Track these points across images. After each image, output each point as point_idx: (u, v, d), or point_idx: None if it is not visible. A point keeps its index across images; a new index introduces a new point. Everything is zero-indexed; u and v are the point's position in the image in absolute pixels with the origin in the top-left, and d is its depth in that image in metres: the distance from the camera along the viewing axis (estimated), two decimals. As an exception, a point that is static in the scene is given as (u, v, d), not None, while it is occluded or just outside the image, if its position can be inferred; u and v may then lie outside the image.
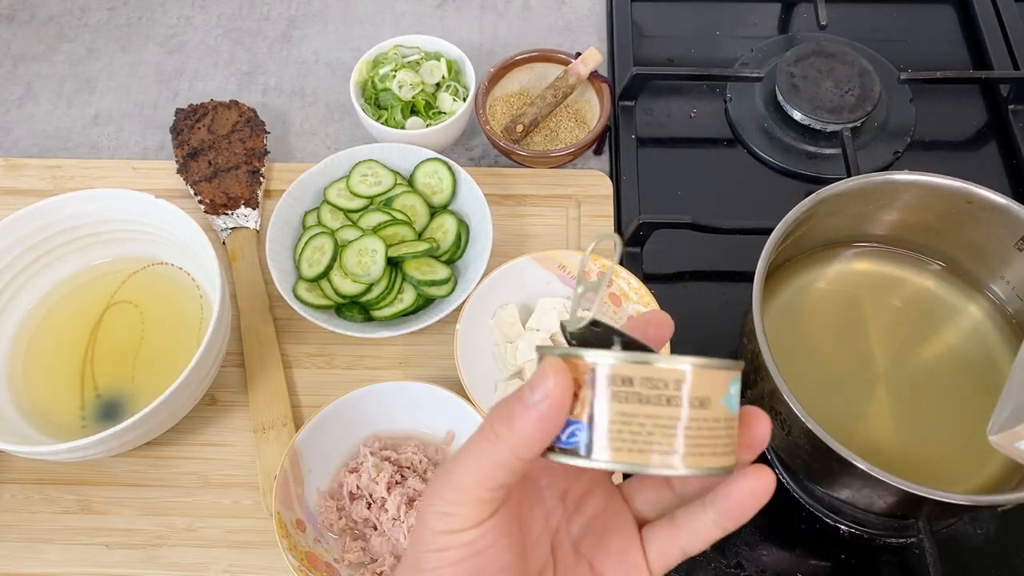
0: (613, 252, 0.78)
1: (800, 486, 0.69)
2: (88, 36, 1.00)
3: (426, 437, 0.71)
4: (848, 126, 0.85)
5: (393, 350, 0.77)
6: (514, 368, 0.73)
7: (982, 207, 0.63)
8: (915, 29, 0.97)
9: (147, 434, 0.66)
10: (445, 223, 0.79)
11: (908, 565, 0.67)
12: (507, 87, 0.90)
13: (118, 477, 0.70)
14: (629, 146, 0.86)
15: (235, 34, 1.00)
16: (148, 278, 0.77)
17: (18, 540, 0.69)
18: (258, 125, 0.88)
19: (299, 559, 0.62)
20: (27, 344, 0.74)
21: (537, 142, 0.88)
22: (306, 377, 0.76)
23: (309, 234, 0.78)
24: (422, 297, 0.76)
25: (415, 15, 1.00)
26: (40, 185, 0.87)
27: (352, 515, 0.67)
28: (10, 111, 0.94)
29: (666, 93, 0.92)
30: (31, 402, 0.71)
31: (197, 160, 0.85)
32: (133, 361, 0.73)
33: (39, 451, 0.63)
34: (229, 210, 0.83)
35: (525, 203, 0.84)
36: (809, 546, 0.67)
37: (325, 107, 0.93)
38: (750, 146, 0.88)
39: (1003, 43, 0.92)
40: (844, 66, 0.88)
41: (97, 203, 0.74)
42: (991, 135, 0.89)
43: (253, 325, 0.77)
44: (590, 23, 0.99)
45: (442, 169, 0.80)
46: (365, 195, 0.80)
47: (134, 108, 0.94)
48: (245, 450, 0.73)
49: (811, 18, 0.96)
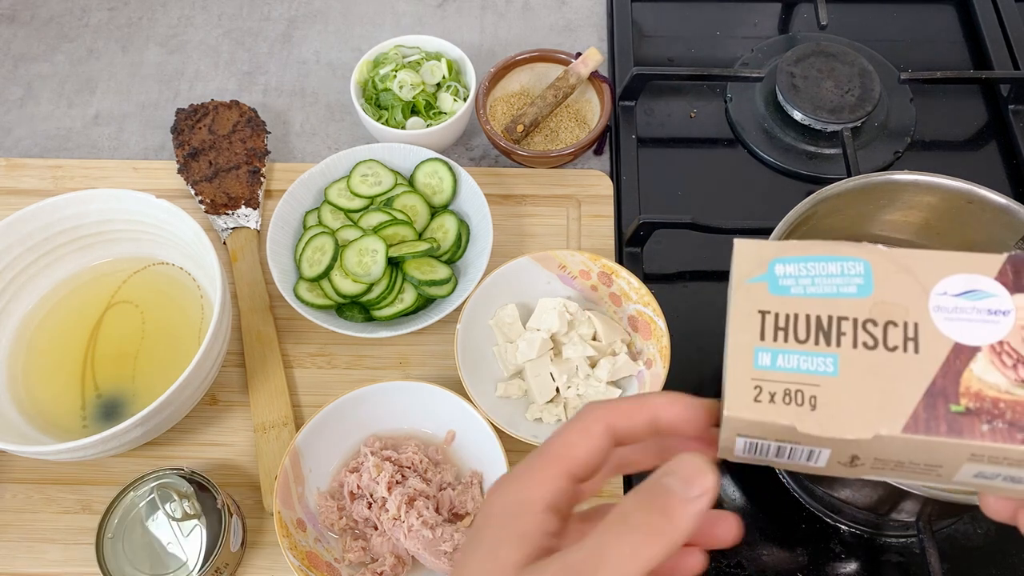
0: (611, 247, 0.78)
1: (800, 486, 0.69)
2: (89, 36, 1.00)
3: (426, 437, 0.71)
4: (848, 126, 0.85)
5: (393, 350, 0.77)
6: (514, 368, 0.73)
7: (982, 207, 0.63)
8: (915, 29, 0.97)
9: (148, 434, 0.66)
10: (445, 223, 0.79)
11: (908, 565, 0.66)
12: (507, 87, 0.90)
13: (119, 477, 0.70)
14: (629, 146, 0.86)
15: (236, 34, 1.00)
16: (149, 278, 0.77)
17: (18, 540, 0.69)
18: (259, 125, 0.88)
19: (300, 559, 0.62)
20: (28, 344, 0.74)
21: (537, 142, 0.88)
22: (307, 377, 0.76)
23: (310, 234, 0.78)
24: (422, 297, 0.76)
25: (416, 15, 1.00)
26: (41, 185, 0.87)
27: (353, 515, 0.67)
28: (11, 111, 0.95)
29: (666, 93, 0.92)
30: (32, 402, 0.71)
31: (198, 160, 0.85)
32: (134, 361, 0.73)
33: (39, 451, 0.63)
34: (230, 210, 0.83)
35: (525, 203, 0.84)
36: (809, 546, 0.67)
37: (326, 107, 0.94)
38: (750, 146, 0.88)
39: (1003, 43, 0.92)
40: (844, 66, 0.88)
41: (98, 203, 0.74)
42: (991, 135, 0.89)
43: (254, 325, 0.77)
44: (590, 23, 0.99)
45: (442, 169, 0.80)
46: (366, 195, 0.80)
47: (135, 108, 0.94)
48: (246, 450, 0.73)
49: (811, 18, 0.96)
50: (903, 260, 0.34)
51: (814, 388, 0.33)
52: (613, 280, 0.73)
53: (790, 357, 0.34)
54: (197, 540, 0.62)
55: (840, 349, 0.33)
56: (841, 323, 0.34)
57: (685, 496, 0.31)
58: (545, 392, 0.70)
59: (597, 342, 0.72)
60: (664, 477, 0.32)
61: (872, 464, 0.33)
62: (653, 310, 0.71)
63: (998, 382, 0.31)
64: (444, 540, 0.63)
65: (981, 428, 0.31)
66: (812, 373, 0.33)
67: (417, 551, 0.63)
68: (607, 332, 0.72)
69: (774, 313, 0.35)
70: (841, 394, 0.33)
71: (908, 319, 0.33)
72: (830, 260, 0.35)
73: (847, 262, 0.35)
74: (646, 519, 0.31)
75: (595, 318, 0.72)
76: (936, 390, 0.32)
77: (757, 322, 0.35)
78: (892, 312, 0.34)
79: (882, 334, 0.33)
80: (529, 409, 0.71)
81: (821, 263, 0.35)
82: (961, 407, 0.31)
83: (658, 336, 0.70)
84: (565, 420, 0.70)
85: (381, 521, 0.65)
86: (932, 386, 0.32)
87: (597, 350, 0.71)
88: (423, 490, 0.65)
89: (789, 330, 0.34)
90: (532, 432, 0.68)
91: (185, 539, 0.62)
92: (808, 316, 0.34)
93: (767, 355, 0.34)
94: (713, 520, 0.35)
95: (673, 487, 0.32)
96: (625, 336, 0.73)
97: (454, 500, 0.66)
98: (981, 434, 0.31)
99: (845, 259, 0.35)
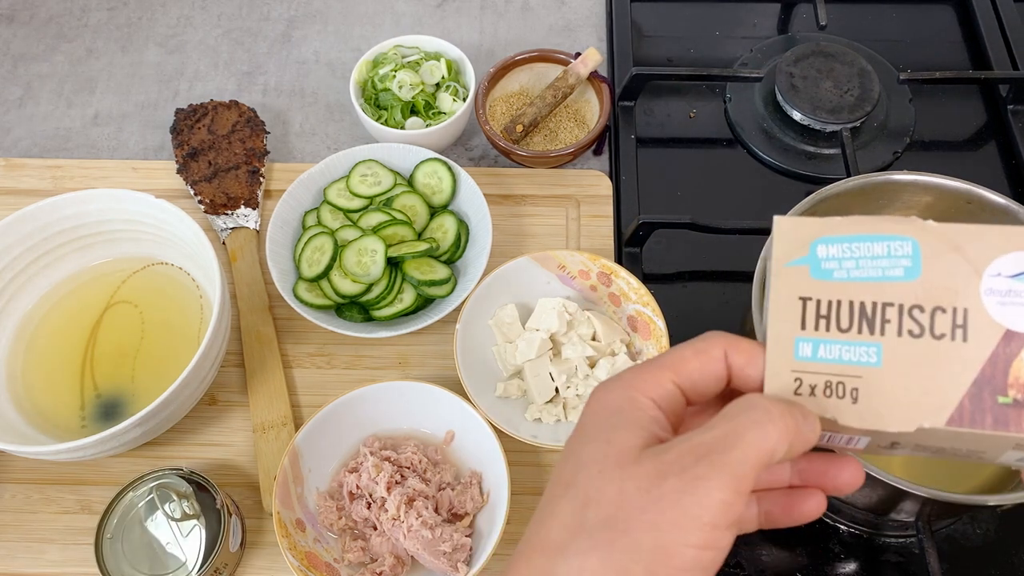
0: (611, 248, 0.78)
1: (800, 486, 0.69)
2: (88, 36, 1.00)
3: (426, 437, 0.71)
4: (848, 126, 0.85)
5: (393, 350, 0.77)
6: (514, 368, 0.73)
7: (981, 207, 0.63)
8: (915, 29, 0.97)
9: (147, 434, 0.66)
10: (445, 223, 0.79)
11: (907, 565, 0.66)
12: (507, 87, 0.90)
13: (118, 477, 0.70)
14: (629, 146, 0.86)
15: (235, 34, 1.00)
16: (148, 278, 0.77)
17: (18, 540, 0.69)
18: (258, 125, 0.88)
19: (299, 559, 0.62)
20: (27, 344, 0.74)
21: (537, 142, 0.88)
22: (306, 377, 0.76)
23: (309, 234, 0.78)
24: (422, 297, 0.76)
25: (415, 15, 1.00)
26: (40, 185, 0.87)
27: (352, 515, 0.67)
28: (10, 111, 0.94)
29: (666, 93, 0.92)
30: (31, 402, 0.71)
31: (197, 160, 0.85)
32: (133, 361, 0.73)
33: (39, 451, 0.63)
34: (229, 210, 0.83)
35: (525, 203, 0.84)
36: (809, 546, 0.67)
37: (325, 107, 0.93)
38: (750, 146, 0.88)
39: (1003, 43, 0.92)
40: (844, 66, 0.88)
41: (97, 203, 0.74)
42: (991, 135, 0.89)
43: (253, 325, 0.77)
44: (590, 23, 0.99)
45: (442, 169, 0.80)
46: (365, 195, 0.80)
47: (134, 108, 0.94)
48: (245, 450, 0.73)
49: (811, 18, 0.96)
50: (954, 238, 0.33)
51: (856, 380, 0.32)
52: (612, 280, 0.73)
53: (832, 347, 0.33)
54: (196, 540, 0.62)
55: (884, 338, 0.32)
56: (886, 310, 0.32)
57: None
58: (544, 392, 0.70)
59: (596, 342, 0.72)
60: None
61: (912, 449, 0.33)
62: (652, 310, 0.71)
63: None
64: (443, 540, 0.63)
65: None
66: (855, 364, 0.32)
67: (416, 551, 0.63)
68: (606, 332, 0.72)
69: (816, 300, 0.33)
70: (884, 385, 0.32)
71: (957, 304, 0.32)
72: (876, 240, 0.33)
73: (894, 241, 0.33)
74: (787, 412, 0.31)
75: (594, 318, 0.72)
76: (983, 380, 0.31)
77: (798, 310, 0.34)
78: (941, 297, 0.32)
79: (929, 321, 0.32)
80: (528, 409, 0.71)
81: (867, 243, 0.33)
82: (1009, 399, 0.30)
83: (657, 336, 0.70)
84: (564, 420, 0.70)
85: (380, 521, 0.65)
86: (980, 376, 0.31)
87: (596, 350, 0.71)
88: (422, 490, 0.65)
89: (831, 318, 0.33)
90: (531, 432, 0.68)
91: (184, 539, 0.62)
92: (852, 303, 0.33)
93: (808, 345, 0.33)
94: (839, 464, 0.35)
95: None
96: (624, 336, 0.73)
97: (453, 500, 0.66)
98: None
99: (892, 238, 0.33)
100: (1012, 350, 0.31)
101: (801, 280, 0.34)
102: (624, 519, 0.30)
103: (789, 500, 0.36)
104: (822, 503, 0.35)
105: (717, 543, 0.30)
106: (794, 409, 0.31)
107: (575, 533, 0.31)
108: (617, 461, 0.31)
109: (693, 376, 0.34)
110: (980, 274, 0.32)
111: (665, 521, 0.29)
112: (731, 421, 0.31)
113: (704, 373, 0.34)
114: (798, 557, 0.67)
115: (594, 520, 0.31)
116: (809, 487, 0.36)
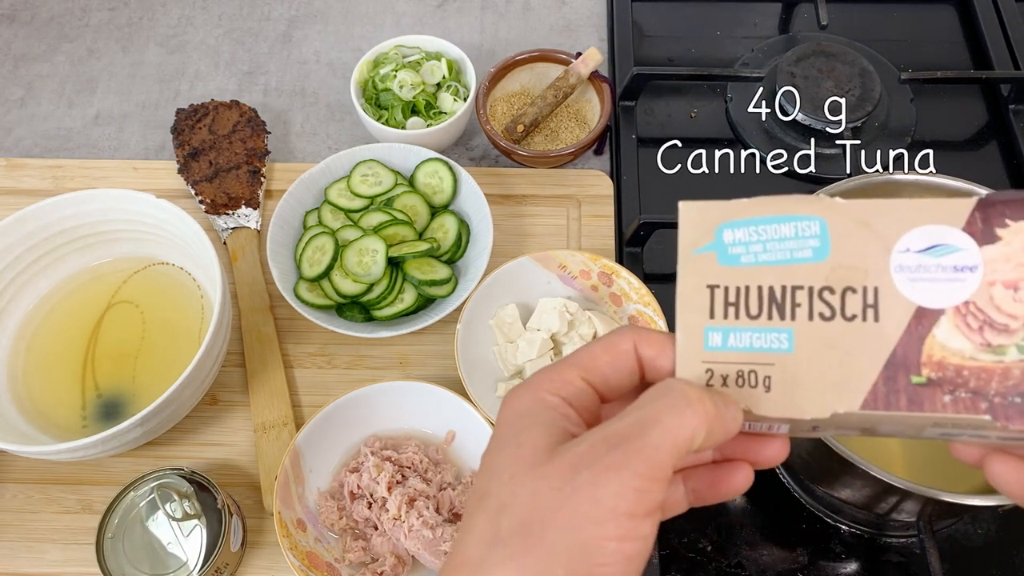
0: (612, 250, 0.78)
1: (800, 486, 0.69)
2: (89, 36, 1.00)
3: (426, 437, 0.71)
4: (848, 126, 0.85)
5: (393, 350, 0.77)
6: (514, 368, 0.73)
7: (982, 207, 0.63)
8: (916, 29, 0.97)
9: (148, 434, 0.66)
10: (446, 223, 0.79)
11: (908, 565, 0.66)
12: (508, 87, 0.90)
13: (119, 477, 0.70)
14: (629, 146, 0.86)
15: (236, 34, 1.00)
16: (149, 278, 0.77)
17: (18, 540, 0.69)
18: (259, 125, 0.88)
19: (300, 559, 0.62)
20: (28, 344, 0.74)
21: (538, 142, 0.88)
22: (307, 377, 0.76)
23: (310, 234, 0.78)
24: (422, 297, 0.76)
25: (416, 15, 1.00)
26: (41, 185, 0.87)
27: (353, 515, 0.67)
28: (11, 111, 0.95)
29: (666, 93, 0.92)
30: (32, 402, 0.71)
31: (198, 160, 0.85)
32: (134, 361, 0.73)
33: (40, 451, 0.63)
34: (230, 210, 0.83)
35: (525, 203, 0.84)
36: (809, 546, 0.67)
37: (326, 107, 0.94)
38: (751, 146, 0.88)
39: (1003, 43, 0.92)
40: (845, 66, 0.88)
41: (98, 203, 0.74)
42: (992, 135, 0.89)
43: (254, 325, 0.77)
44: (590, 23, 0.99)
45: (443, 169, 0.80)
46: (366, 195, 0.80)
47: (135, 108, 0.94)
48: (246, 450, 0.73)
49: (811, 18, 0.96)
50: (863, 214, 0.31)
51: (768, 368, 0.31)
52: (613, 280, 0.73)
53: (742, 335, 0.32)
54: (197, 540, 0.62)
55: (795, 323, 0.31)
56: (796, 293, 0.31)
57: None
58: (545, 392, 0.70)
59: (597, 342, 0.72)
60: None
61: (834, 430, 0.32)
62: (653, 310, 0.71)
63: (962, 348, 0.29)
64: (444, 540, 0.63)
65: (943, 399, 0.29)
66: (766, 351, 0.31)
67: (417, 551, 0.63)
68: (607, 332, 0.71)
69: (724, 287, 0.33)
70: (797, 372, 0.31)
71: (868, 283, 0.31)
72: (783, 221, 0.32)
73: (801, 222, 0.32)
74: (706, 396, 0.30)
75: (595, 318, 0.72)
76: (897, 361, 0.30)
77: (706, 298, 0.33)
78: (850, 277, 0.31)
79: (839, 303, 0.31)
80: (529, 409, 0.71)
81: (773, 225, 0.32)
82: (923, 378, 0.29)
83: (658, 336, 0.70)
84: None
85: (381, 521, 0.65)
86: (892, 357, 0.30)
87: (597, 350, 0.71)
88: (423, 490, 0.65)
89: (740, 305, 0.32)
90: (532, 432, 0.68)
91: (185, 539, 0.62)
92: (760, 288, 0.32)
93: (718, 335, 0.32)
94: (765, 439, 0.34)
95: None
96: (625, 336, 0.73)
97: (454, 500, 0.66)
98: (943, 406, 0.29)
99: (799, 218, 0.32)
100: (924, 328, 0.30)
101: (708, 267, 0.33)
102: (539, 521, 0.29)
103: (715, 476, 0.35)
104: (750, 476, 0.34)
105: (637, 532, 0.29)
106: (714, 394, 0.31)
107: (491, 545, 0.30)
108: (529, 463, 0.31)
109: (604, 371, 0.33)
110: (890, 251, 0.31)
111: (580, 517, 0.29)
112: (646, 407, 0.30)
113: (615, 367, 0.33)
114: (799, 557, 0.67)
115: (508, 528, 0.30)
116: (736, 460, 0.35)
